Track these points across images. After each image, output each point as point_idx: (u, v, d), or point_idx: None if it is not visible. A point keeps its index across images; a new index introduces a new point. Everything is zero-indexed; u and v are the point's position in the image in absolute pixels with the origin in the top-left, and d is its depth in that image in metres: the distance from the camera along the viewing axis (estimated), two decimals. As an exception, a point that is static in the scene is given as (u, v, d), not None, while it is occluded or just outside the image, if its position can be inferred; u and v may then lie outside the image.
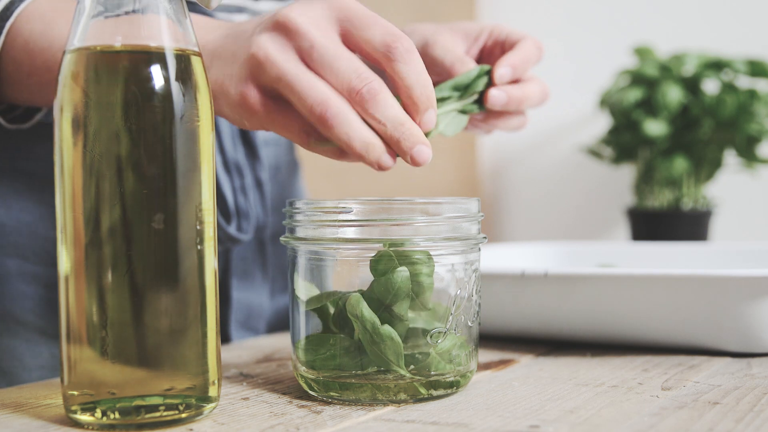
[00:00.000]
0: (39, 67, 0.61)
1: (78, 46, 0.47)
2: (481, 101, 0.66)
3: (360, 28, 0.55)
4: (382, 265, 0.52)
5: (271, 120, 0.57)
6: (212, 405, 0.50)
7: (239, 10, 0.78)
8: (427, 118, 0.56)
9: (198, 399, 0.49)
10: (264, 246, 0.82)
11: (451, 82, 0.64)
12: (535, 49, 0.68)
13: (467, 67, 0.66)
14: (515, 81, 0.67)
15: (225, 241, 0.76)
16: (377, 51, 0.54)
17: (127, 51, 0.46)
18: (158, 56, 0.47)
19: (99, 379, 0.47)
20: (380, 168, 0.55)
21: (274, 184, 0.85)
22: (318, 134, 0.57)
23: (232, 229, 0.76)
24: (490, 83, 0.65)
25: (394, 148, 0.55)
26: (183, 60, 0.48)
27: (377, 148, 0.54)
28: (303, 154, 1.00)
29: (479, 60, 0.72)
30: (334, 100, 0.54)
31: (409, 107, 0.55)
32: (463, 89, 0.64)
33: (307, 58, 0.55)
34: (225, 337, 0.81)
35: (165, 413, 0.47)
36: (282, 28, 0.55)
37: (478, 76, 0.65)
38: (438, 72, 0.67)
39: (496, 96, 0.65)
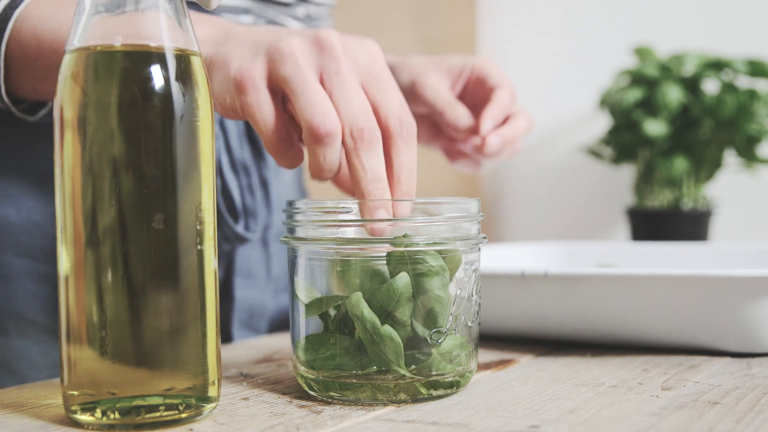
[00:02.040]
0: (46, 50, 0.61)
1: (78, 46, 0.47)
2: None
3: (379, 89, 0.56)
4: (391, 265, 0.52)
5: (255, 105, 0.55)
6: (212, 405, 0.50)
7: (245, 11, 0.78)
8: (402, 209, 0.54)
9: (198, 399, 0.49)
10: (268, 245, 0.83)
11: None
12: (511, 97, 0.76)
13: (457, 112, 0.74)
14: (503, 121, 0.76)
15: (233, 240, 0.77)
16: (388, 123, 0.55)
17: (127, 51, 0.46)
18: (158, 56, 0.47)
19: (99, 379, 0.47)
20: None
21: (278, 184, 0.86)
22: (290, 144, 0.57)
23: (240, 228, 0.77)
24: None
25: (359, 197, 0.54)
26: (183, 60, 0.48)
27: (334, 172, 0.56)
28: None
29: (463, 95, 0.79)
30: (333, 120, 0.54)
31: (392, 186, 0.55)
32: None
33: (326, 78, 0.55)
34: (227, 337, 0.81)
35: (165, 413, 0.47)
36: (319, 43, 0.56)
37: None
38: (427, 111, 0.76)
39: (493, 143, 0.74)
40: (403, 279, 0.51)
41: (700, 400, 0.51)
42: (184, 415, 0.48)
